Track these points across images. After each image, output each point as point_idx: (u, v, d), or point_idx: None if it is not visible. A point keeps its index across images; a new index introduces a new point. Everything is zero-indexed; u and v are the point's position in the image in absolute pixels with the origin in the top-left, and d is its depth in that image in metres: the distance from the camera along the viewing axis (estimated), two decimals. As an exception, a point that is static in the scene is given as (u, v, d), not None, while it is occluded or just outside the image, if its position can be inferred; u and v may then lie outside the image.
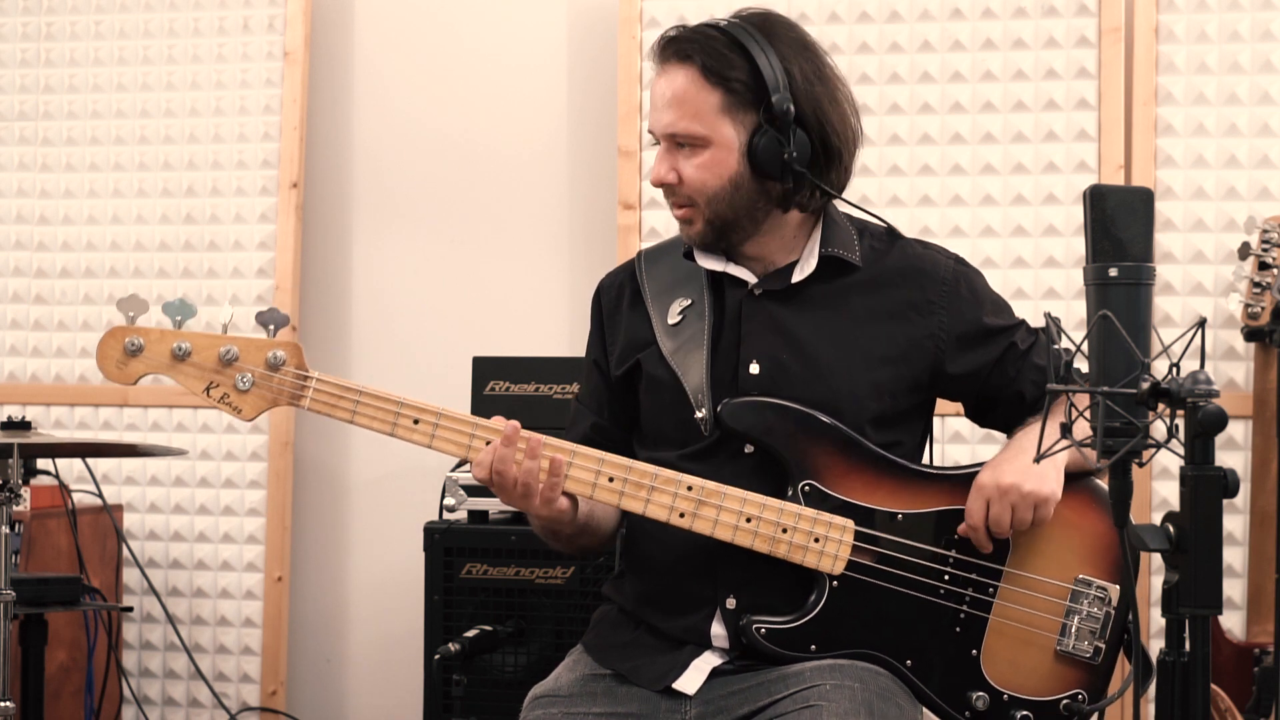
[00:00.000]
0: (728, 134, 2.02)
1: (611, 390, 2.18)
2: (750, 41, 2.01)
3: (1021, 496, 1.97)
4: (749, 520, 1.98)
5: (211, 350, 1.98)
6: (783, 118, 2.00)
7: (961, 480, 2.05)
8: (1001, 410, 2.14)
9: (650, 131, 2.08)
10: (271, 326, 1.99)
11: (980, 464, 2.07)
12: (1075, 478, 2.04)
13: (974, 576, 2.02)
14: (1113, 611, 2.04)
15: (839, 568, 1.99)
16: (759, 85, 2.01)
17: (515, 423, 1.98)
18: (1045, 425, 1.51)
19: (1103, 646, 2.04)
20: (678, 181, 2.04)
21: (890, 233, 2.16)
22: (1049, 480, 1.99)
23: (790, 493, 2.01)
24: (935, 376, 2.10)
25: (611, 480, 1.99)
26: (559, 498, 1.99)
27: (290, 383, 1.99)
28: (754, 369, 2.05)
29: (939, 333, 2.08)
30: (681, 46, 2.03)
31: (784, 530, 1.98)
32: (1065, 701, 2.03)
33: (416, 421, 1.99)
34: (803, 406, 2.02)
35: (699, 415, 2.04)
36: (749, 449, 2.04)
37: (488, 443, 1.98)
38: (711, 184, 2.03)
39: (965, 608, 2.02)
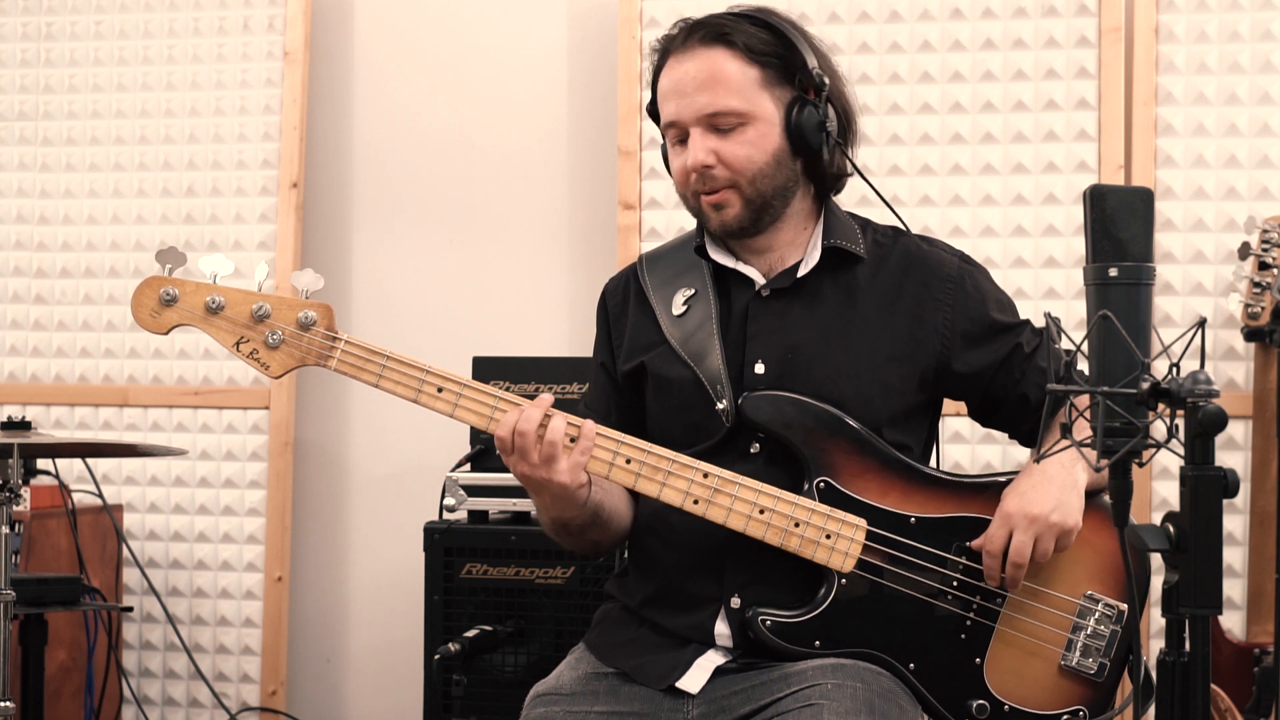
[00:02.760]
0: (768, 108, 2.04)
1: (620, 392, 2.18)
2: (774, 19, 2.06)
3: (1047, 528, 1.96)
4: (762, 512, 1.98)
5: (245, 306, 2.00)
6: (818, 90, 2.04)
7: (977, 489, 2.04)
8: (1006, 412, 2.14)
9: (674, 123, 2.06)
10: (304, 288, 2.00)
11: (998, 474, 2.07)
12: (1089, 494, 2.03)
13: (983, 585, 2.01)
14: (1119, 630, 2.03)
15: (849, 565, 1.99)
16: (791, 60, 2.04)
17: (550, 395, 1.97)
18: (1044, 426, 1.51)
19: (1107, 664, 2.03)
20: (716, 163, 2.03)
21: (894, 229, 2.17)
22: (1073, 510, 1.98)
23: (805, 488, 2.00)
24: (940, 375, 2.10)
25: (629, 462, 1.98)
26: (585, 463, 1.96)
27: (319, 343, 2.01)
28: (759, 369, 2.05)
29: (944, 330, 2.08)
30: (711, 29, 2.04)
31: (796, 524, 1.98)
32: (1066, 717, 2.03)
33: (440, 390, 1.99)
34: (825, 405, 2.02)
35: (720, 406, 2.04)
36: (755, 448, 2.04)
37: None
38: (757, 159, 2.03)
39: (972, 615, 2.02)
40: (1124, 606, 2.03)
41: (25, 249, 3.90)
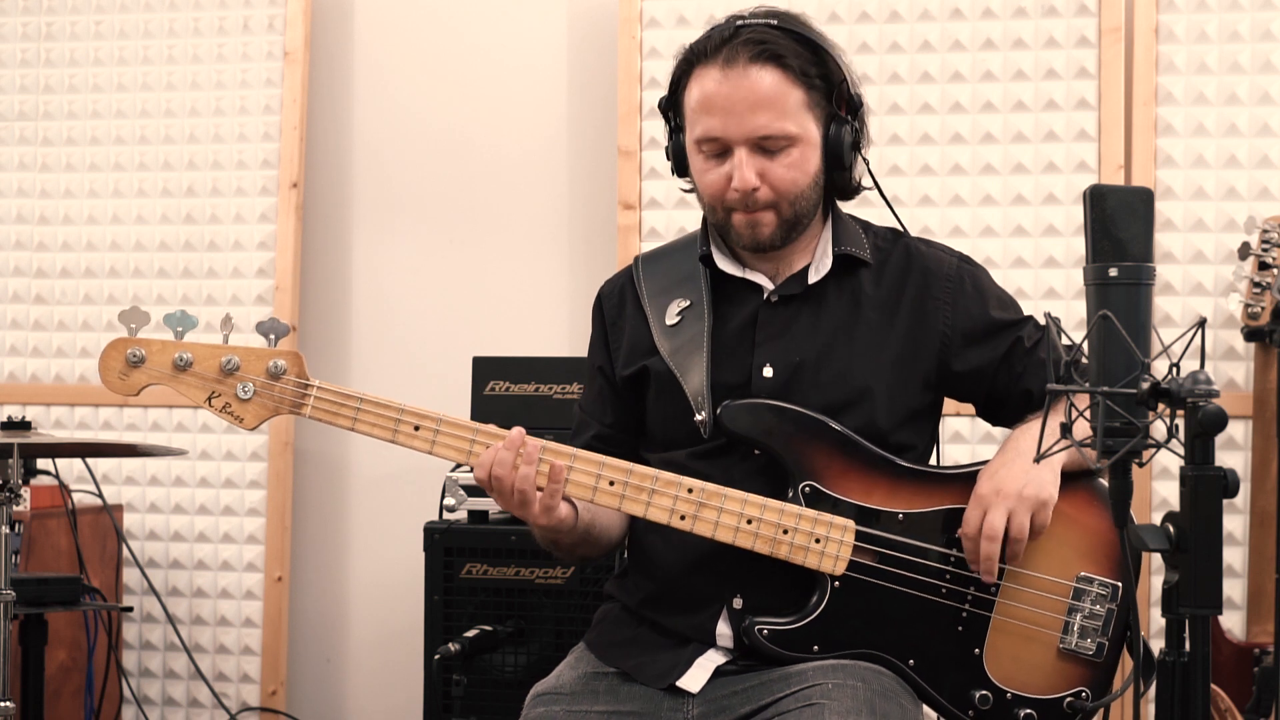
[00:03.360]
0: (812, 130, 2.03)
1: (618, 395, 2.18)
2: (813, 34, 2.05)
3: (1020, 502, 1.97)
4: (750, 522, 1.98)
5: (213, 360, 1.99)
6: (851, 109, 2.06)
7: (962, 479, 2.04)
8: (1010, 408, 2.14)
9: (717, 139, 2.01)
10: (272, 336, 2.00)
11: (982, 463, 2.06)
12: (1075, 476, 2.04)
13: (976, 575, 2.02)
14: (1115, 609, 2.03)
15: (840, 568, 1.99)
16: (829, 78, 2.04)
17: (520, 429, 1.98)
18: (1045, 426, 1.51)
19: (1105, 644, 2.03)
20: (762, 184, 2.01)
21: (894, 231, 2.17)
22: (1046, 484, 1.98)
23: (791, 494, 2.00)
24: (942, 376, 2.10)
25: (612, 484, 1.99)
26: (559, 505, 1.98)
27: (291, 391, 2.00)
28: (768, 372, 2.06)
29: (945, 330, 2.09)
30: (763, 48, 2.00)
31: (785, 531, 1.98)
32: (1069, 699, 2.03)
33: (417, 428, 1.99)
34: (805, 409, 2.02)
35: (699, 418, 2.04)
36: (758, 450, 2.04)
37: (488, 447, 1.98)
38: (801, 182, 2.03)
39: (967, 607, 2.02)
40: (1118, 584, 2.03)
41: (25, 249, 3.90)
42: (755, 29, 2.02)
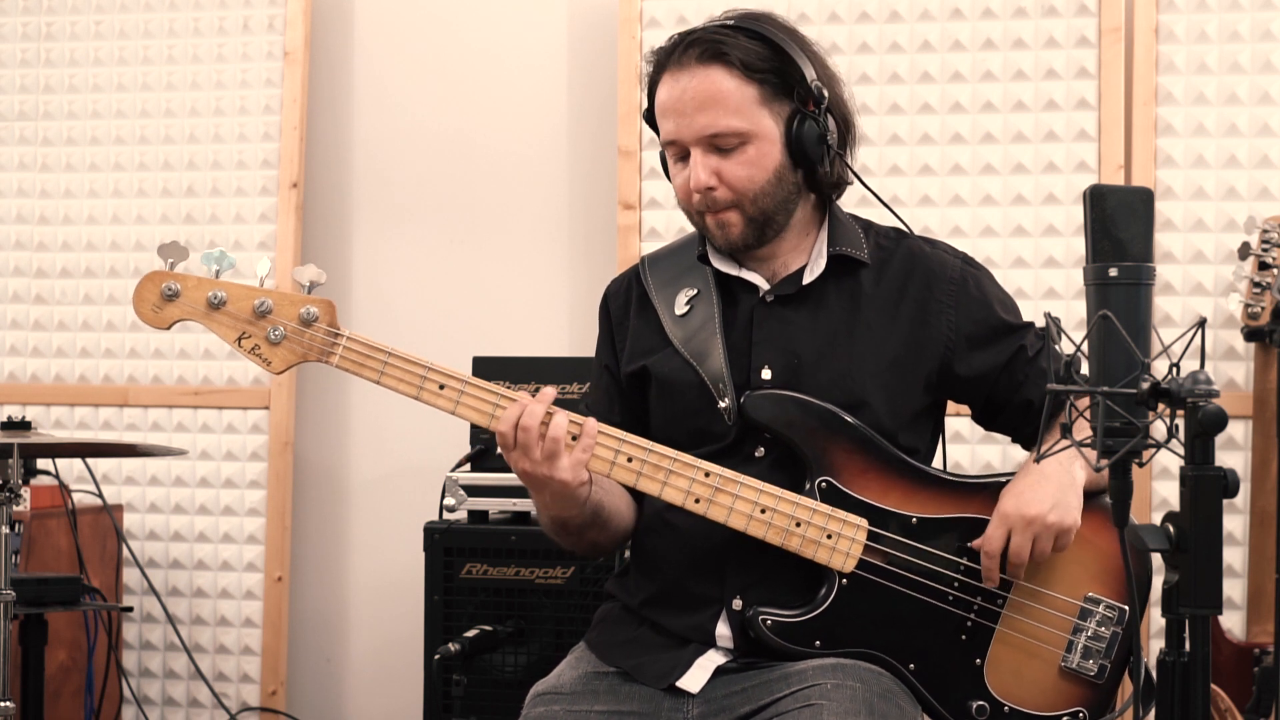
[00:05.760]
0: (768, 126, 2.02)
1: (624, 394, 2.18)
2: (770, 31, 2.03)
3: (1045, 528, 1.97)
4: (763, 511, 1.98)
5: (246, 301, 1.99)
6: (818, 103, 2.03)
7: (979, 489, 2.04)
8: (1009, 415, 2.14)
9: (674, 141, 2.04)
10: (307, 283, 2.00)
11: (1000, 475, 2.06)
12: (1091, 495, 2.03)
13: (984, 586, 2.02)
14: (1120, 631, 2.03)
15: (850, 566, 1.99)
16: (788, 73, 2.02)
17: (552, 388, 1.96)
18: (1044, 426, 1.51)
19: (1108, 665, 2.03)
20: (718, 184, 2.02)
21: (898, 231, 2.17)
22: (1072, 510, 1.98)
23: (807, 487, 2.00)
24: (943, 377, 2.09)
25: (630, 460, 1.98)
26: (588, 461, 1.95)
27: (321, 339, 2.00)
28: (766, 374, 2.05)
29: (948, 333, 2.08)
30: (708, 46, 2.00)
31: (797, 524, 1.98)
32: (1066, 718, 2.03)
33: (442, 387, 1.98)
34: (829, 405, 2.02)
35: (722, 405, 2.03)
36: (760, 452, 2.04)
37: None
38: (759, 179, 2.02)
39: (973, 616, 2.02)
40: (1125, 608, 2.03)
41: (25, 249, 3.90)
42: (709, 30, 2.03)
